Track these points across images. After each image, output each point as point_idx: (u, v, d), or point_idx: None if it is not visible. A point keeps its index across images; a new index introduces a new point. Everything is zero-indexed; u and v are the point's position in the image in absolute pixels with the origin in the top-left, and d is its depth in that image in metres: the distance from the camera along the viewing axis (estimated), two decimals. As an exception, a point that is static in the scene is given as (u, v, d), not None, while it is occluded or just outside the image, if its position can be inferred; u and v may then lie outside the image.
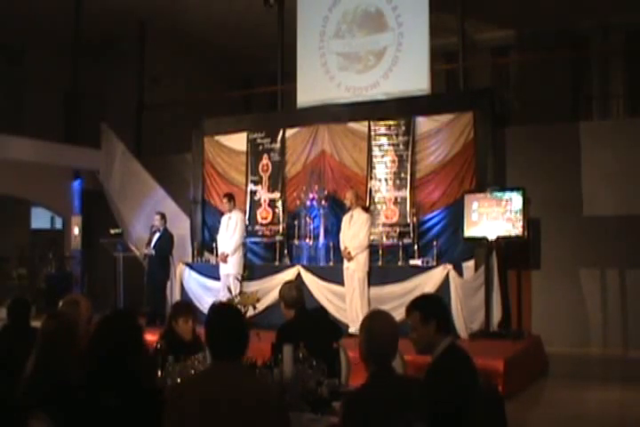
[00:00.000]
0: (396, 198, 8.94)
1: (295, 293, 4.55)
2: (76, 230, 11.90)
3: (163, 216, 9.48)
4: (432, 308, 3.19)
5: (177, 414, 2.48)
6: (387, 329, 2.80)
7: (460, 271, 7.94)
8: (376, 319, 2.87)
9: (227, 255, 8.80)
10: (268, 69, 11.70)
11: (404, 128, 9.00)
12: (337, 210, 9.19)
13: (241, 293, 8.14)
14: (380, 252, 8.61)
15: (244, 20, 11.68)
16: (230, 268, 8.77)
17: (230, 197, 9.15)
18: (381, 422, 2.53)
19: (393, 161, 9.02)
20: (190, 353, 3.57)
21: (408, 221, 8.74)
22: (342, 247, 8.16)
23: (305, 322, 4.39)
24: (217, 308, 2.87)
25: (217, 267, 9.04)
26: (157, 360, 3.48)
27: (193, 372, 3.32)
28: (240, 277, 8.57)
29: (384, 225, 8.90)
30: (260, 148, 10.00)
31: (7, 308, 4.51)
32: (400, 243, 8.71)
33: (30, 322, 4.52)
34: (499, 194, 7.97)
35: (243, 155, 10.15)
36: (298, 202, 9.56)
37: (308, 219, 9.28)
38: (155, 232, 9.40)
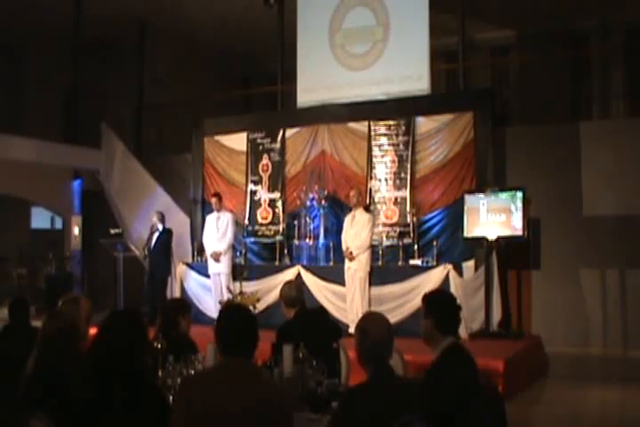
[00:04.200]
0: (396, 198, 8.94)
1: (295, 292, 4.55)
2: (76, 230, 11.90)
3: (162, 215, 9.49)
4: (433, 305, 3.21)
5: (187, 408, 2.49)
6: (380, 330, 2.82)
7: (460, 271, 7.94)
8: (369, 321, 2.90)
9: (219, 253, 8.83)
10: (268, 69, 11.70)
11: (404, 128, 9.00)
12: (337, 210, 9.20)
13: (241, 293, 8.20)
14: (380, 252, 8.61)
15: (244, 20, 11.67)
16: (222, 267, 8.82)
17: (219, 196, 9.26)
18: (380, 423, 2.53)
19: (393, 161, 9.03)
20: (189, 352, 3.57)
21: (408, 221, 8.74)
22: (344, 247, 8.16)
23: (305, 322, 4.39)
24: (233, 307, 3.03)
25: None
26: (158, 360, 3.47)
27: (193, 372, 3.33)
28: (233, 276, 8.67)
29: (384, 225, 8.90)
30: (260, 148, 10.01)
31: (8, 308, 4.51)
32: (400, 243, 8.71)
33: (30, 322, 4.52)
34: (499, 194, 7.97)
35: (243, 155, 10.15)
36: (298, 202, 9.56)
37: (308, 219, 9.28)
38: (154, 232, 9.40)
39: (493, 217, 7.93)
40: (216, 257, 8.86)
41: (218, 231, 8.99)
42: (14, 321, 4.48)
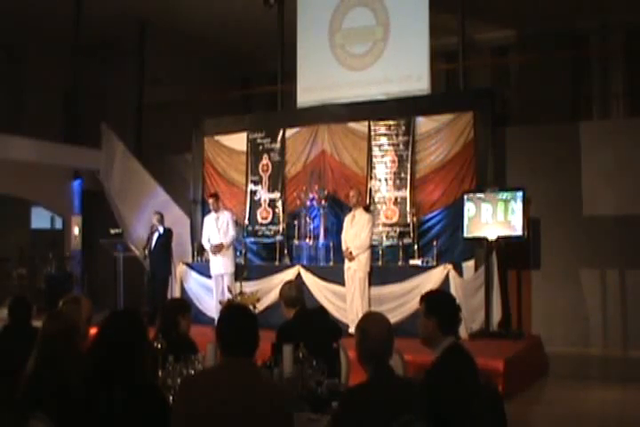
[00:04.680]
0: (396, 198, 8.94)
1: (295, 292, 4.55)
2: (76, 230, 11.90)
3: (161, 216, 9.49)
4: (436, 305, 3.17)
5: (187, 408, 2.49)
6: (381, 330, 2.82)
7: (460, 271, 7.94)
8: (370, 321, 2.90)
9: (221, 247, 8.76)
10: (268, 69, 11.70)
11: (404, 128, 9.00)
12: (337, 210, 9.20)
13: (241, 293, 8.20)
14: (380, 252, 8.61)
15: (244, 20, 11.67)
16: (226, 267, 8.78)
17: (217, 197, 9.23)
18: (380, 423, 2.53)
19: (393, 161, 9.03)
20: (188, 352, 3.57)
21: (408, 221, 8.74)
22: (344, 247, 8.16)
23: (305, 322, 4.39)
24: (234, 307, 3.05)
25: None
26: (158, 360, 3.47)
27: (193, 372, 3.33)
28: (234, 276, 8.63)
29: (384, 225, 8.90)
30: (260, 148, 10.01)
31: (8, 307, 4.50)
32: (400, 243, 8.71)
33: (31, 322, 4.51)
34: (499, 194, 7.97)
35: (243, 155, 10.16)
36: (298, 202, 9.56)
37: (308, 219, 9.28)
38: (154, 232, 9.40)
39: (493, 217, 7.94)
40: (217, 250, 8.80)
41: (219, 231, 8.95)
42: (14, 321, 4.47)
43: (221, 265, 8.83)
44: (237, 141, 10.24)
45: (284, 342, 3.60)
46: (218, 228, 8.96)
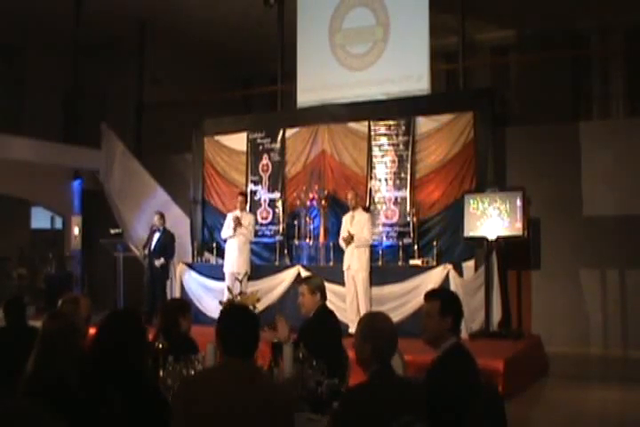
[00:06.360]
0: (396, 198, 8.94)
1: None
2: (76, 230, 11.90)
3: (162, 216, 9.49)
4: (453, 303, 3.14)
5: (187, 408, 2.49)
6: (388, 327, 2.82)
7: (460, 271, 7.95)
8: (376, 319, 2.89)
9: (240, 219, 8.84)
10: (268, 69, 11.70)
11: (404, 128, 9.00)
12: (337, 210, 9.19)
13: (241, 293, 8.19)
14: (380, 252, 8.61)
15: (244, 20, 11.66)
16: (239, 266, 8.74)
17: (246, 196, 9.34)
18: (380, 423, 2.53)
19: (393, 161, 9.03)
20: (189, 352, 3.56)
21: (408, 221, 8.74)
22: (343, 235, 8.15)
23: (326, 319, 4.45)
24: (236, 307, 3.09)
25: (217, 267, 9.05)
26: (158, 360, 3.47)
27: (193, 372, 3.32)
28: (240, 278, 8.59)
29: (384, 225, 8.91)
30: (260, 148, 10.01)
31: (2, 308, 4.49)
32: (400, 243, 8.71)
33: (27, 321, 4.50)
34: (499, 194, 7.97)
35: (243, 155, 10.16)
36: (298, 202, 9.57)
37: (307, 219, 9.28)
38: (154, 232, 9.40)
39: (493, 217, 7.94)
40: (238, 221, 8.83)
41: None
42: (11, 321, 4.47)
43: (235, 264, 8.80)
44: (237, 141, 10.24)
45: (306, 341, 3.65)
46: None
